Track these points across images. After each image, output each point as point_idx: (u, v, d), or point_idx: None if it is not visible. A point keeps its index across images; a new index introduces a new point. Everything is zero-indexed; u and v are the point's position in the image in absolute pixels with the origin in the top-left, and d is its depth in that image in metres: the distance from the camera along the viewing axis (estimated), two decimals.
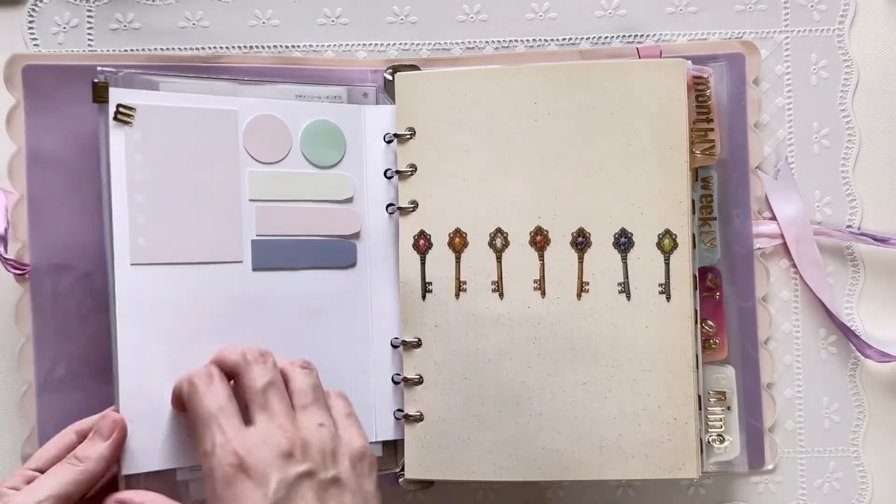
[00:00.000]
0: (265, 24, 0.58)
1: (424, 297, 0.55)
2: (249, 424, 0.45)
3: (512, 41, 0.58)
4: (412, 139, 0.55)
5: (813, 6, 0.58)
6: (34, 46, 0.57)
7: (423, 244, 0.55)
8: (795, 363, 0.58)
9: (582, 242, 0.54)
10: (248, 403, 0.46)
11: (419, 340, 0.55)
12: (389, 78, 0.56)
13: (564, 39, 0.58)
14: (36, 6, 0.57)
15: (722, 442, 0.57)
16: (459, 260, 0.55)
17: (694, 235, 0.54)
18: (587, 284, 0.54)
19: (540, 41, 0.58)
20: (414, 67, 0.56)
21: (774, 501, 0.58)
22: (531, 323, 0.54)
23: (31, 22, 0.57)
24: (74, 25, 0.57)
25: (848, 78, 0.58)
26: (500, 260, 0.55)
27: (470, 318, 0.54)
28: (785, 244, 0.58)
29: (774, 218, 0.58)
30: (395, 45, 0.58)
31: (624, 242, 0.54)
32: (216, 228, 0.52)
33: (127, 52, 0.57)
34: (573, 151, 0.54)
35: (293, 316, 0.53)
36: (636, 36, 0.58)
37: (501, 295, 0.54)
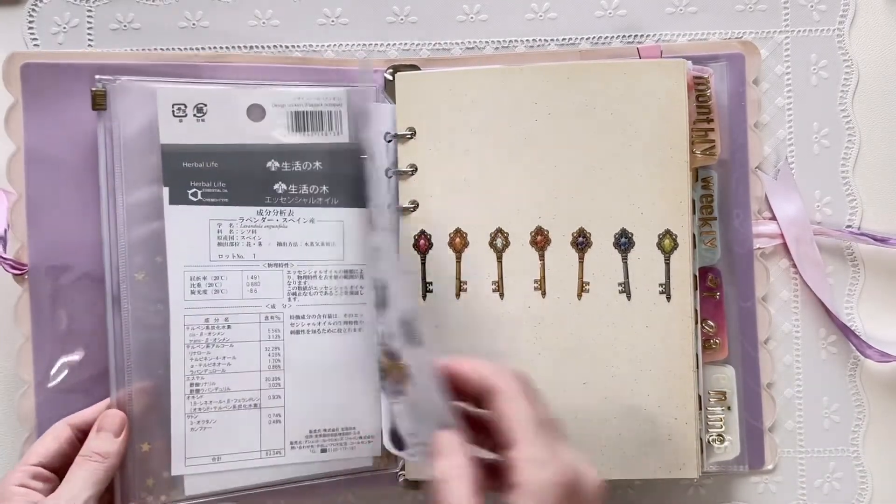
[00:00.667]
0: (265, 24, 0.58)
1: (425, 297, 0.55)
2: None
3: (512, 41, 0.58)
4: (412, 139, 0.55)
5: (813, 6, 0.58)
6: (34, 46, 0.57)
7: (423, 244, 0.55)
8: (795, 363, 0.58)
9: (582, 242, 0.54)
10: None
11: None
12: (389, 78, 0.56)
13: (564, 39, 0.58)
14: (36, 6, 0.57)
15: (722, 442, 0.56)
16: (460, 260, 0.55)
17: (694, 235, 0.54)
18: (587, 284, 0.54)
19: (540, 41, 0.58)
20: (414, 67, 0.56)
21: (774, 501, 0.58)
22: (531, 323, 0.54)
23: (31, 22, 0.57)
24: (74, 25, 0.57)
25: (848, 78, 0.58)
26: (500, 260, 0.54)
27: (470, 318, 0.54)
28: (785, 244, 0.58)
29: (774, 218, 0.58)
30: (395, 45, 0.58)
31: (624, 242, 0.54)
32: None
33: (127, 51, 0.57)
34: (573, 151, 0.54)
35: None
36: (636, 36, 0.58)
37: (502, 295, 0.54)
